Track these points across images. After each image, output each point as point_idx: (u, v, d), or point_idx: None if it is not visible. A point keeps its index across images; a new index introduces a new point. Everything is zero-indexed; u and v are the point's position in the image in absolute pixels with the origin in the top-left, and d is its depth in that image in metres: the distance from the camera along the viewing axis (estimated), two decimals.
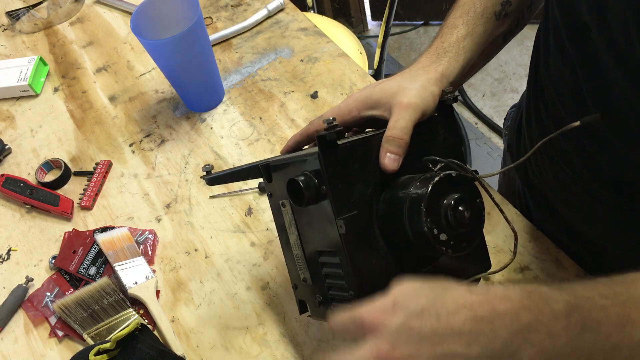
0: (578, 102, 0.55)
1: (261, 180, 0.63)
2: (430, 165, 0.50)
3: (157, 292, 0.71)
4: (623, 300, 0.40)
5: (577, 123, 0.44)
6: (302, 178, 0.49)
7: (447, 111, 0.55)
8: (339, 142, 0.49)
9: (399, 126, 0.51)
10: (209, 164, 0.60)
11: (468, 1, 0.61)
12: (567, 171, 0.63)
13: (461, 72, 0.58)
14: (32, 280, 0.74)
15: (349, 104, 0.57)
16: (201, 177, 0.59)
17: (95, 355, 0.61)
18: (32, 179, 0.84)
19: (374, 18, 2.37)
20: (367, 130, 0.59)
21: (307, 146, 0.62)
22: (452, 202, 0.46)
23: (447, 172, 0.47)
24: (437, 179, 0.46)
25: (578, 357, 0.40)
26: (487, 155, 1.93)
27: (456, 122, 0.57)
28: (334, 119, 0.48)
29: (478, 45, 0.59)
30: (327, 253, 0.52)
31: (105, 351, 0.61)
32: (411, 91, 0.53)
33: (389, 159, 0.50)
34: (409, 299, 0.41)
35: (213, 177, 0.59)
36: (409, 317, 0.41)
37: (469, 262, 0.56)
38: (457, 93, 0.56)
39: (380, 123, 0.55)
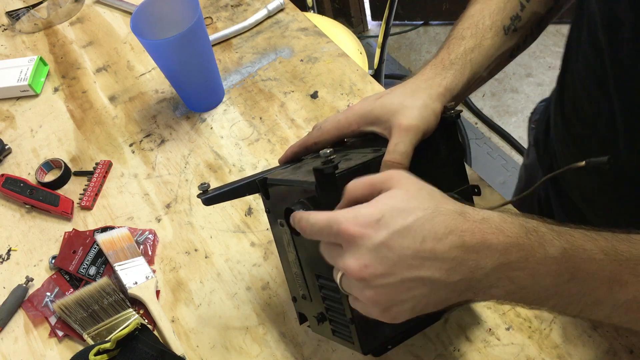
0: (604, 96, 0.54)
1: None
2: None
3: (157, 292, 0.71)
4: (621, 259, 0.39)
5: (583, 163, 0.43)
6: (299, 208, 0.48)
7: (449, 127, 0.54)
8: (337, 171, 0.47)
9: (399, 150, 0.50)
10: (205, 183, 0.56)
11: (477, 13, 0.60)
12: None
13: (466, 85, 0.57)
14: (32, 280, 0.74)
15: (349, 117, 0.55)
16: (197, 197, 0.56)
17: (95, 355, 0.61)
18: (32, 179, 0.84)
19: (374, 18, 2.37)
20: (365, 141, 0.58)
21: (306, 156, 0.61)
22: None
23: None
24: None
25: (556, 302, 0.40)
26: (487, 155, 1.93)
27: (458, 137, 0.55)
28: (331, 152, 0.46)
29: (485, 58, 0.58)
30: (325, 277, 0.51)
31: (105, 351, 0.61)
32: (412, 111, 0.51)
33: None
34: (396, 215, 0.39)
35: (210, 197, 0.56)
36: (391, 234, 0.39)
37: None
38: (460, 109, 0.54)
39: (381, 138, 0.54)
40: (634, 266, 0.39)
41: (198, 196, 0.56)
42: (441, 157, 0.54)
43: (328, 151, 0.46)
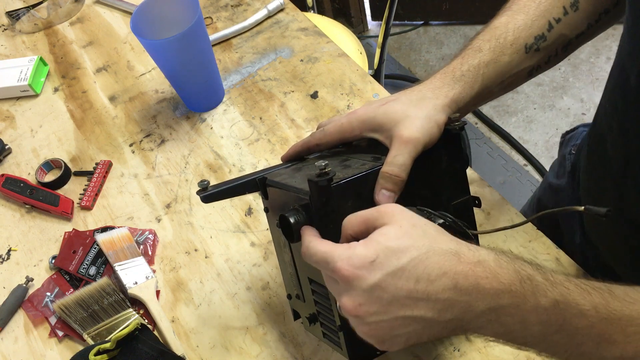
0: (621, 138, 0.52)
1: None
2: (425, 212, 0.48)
3: (157, 292, 0.71)
4: (612, 317, 0.38)
5: (582, 208, 0.43)
6: (294, 216, 0.48)
7: (452, 139, 0.53)
8: (333, 182, 0.47)
9: (397, 163, 0.49)
10: (205, 180, 0.56)
11: (501, 26, 0.57)
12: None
13: (475, 99, 0.55)
14: (32, 280, 0.74)
15: (352, 121, 0.55)
16: (196, 193, 0.56)
17: (95, 355, 0.61)
18: (32, 179, 0.84)
19: (374, 18, 2.37)
20: (369, 145, 0.57)
21: (308, 156, 0.61)
22: None
23: (441, 221, 0.46)
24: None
25: (543, 348, 0.40)
26: (487, 155, 1.93)
27: (461, 149, 0.54)
28: (326, 164, 0.46)
29: (499, 74, 0.56)
30: (317, 283, 0.51)
31: (105, 351, 0.61)
32: (414, 122, 0.50)
33: (384, 196, 0.49)
34: (390, 256, 0.40)
35: (209, 195, 0.56)
36: (385, 276, 0.39)
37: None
38: (464, 120, 0.52)
39: (382, 145, 0.53)
40: (624, 326, 0.38)
41: (197, 193, 0.56)
42: (443, 167, 0.53)
43: (323, 163, 0.46)
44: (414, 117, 0.51)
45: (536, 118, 1.99)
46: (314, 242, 0.45)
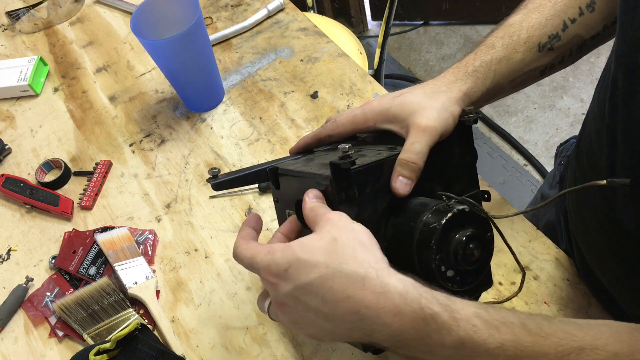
0: (609, 144, 0.52)
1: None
2: (444, 199, 0.48)
3: (157, 292, 0.71)
4: (522, 356, 0.38)
5: (604, 182, 0.43)
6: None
7: (465, 131, 0.53)
8: (352, 167, 0.47)
9: (414, 150, 0.49)
10: (215, 168, 0.57)
11: (516, 23, 0.57)
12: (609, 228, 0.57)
13: (486, 94, 0.55)
14: (32, 280, 0.74)
15: (365, 112, 0.55)
16: (207, 181, 0.56)
17: (95, 355, 0.61)
18: (32, 179, 0.84)
19: (374, 18, 2.37)
20: (378, 137, 0.57)
21: (317, 149, 0.61)
22: (464, 239, 0.44)
23: (461, 207, 0.45)
24: (450, 214, 0.44)
25: None
26: (487, 155, 1.93)
27: (473, 142, 0.54)
28: (349, 147, 0.46)
29: (511, 72, 0.56)
30: None
31: (105, 351, 0.61)
32: (431, 112, 0.50)
33: (401, 183, 0.49)
34: (300, 270, 0.42)
35: (220, 182, 0.56)
36: (295, 288, 0.42)
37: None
38: (479, 112, 0.53)
39: (395, 137, 0.53)
40: None
41: (208, 180, 0.56)
42: (455, 160, 0.53)
43: (347, 146, 0.46)
44: (430, 107, 0.51)
45: (536, 118, 1.99)
46: (240, 248, 0.48)
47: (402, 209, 0.49)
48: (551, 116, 1.99)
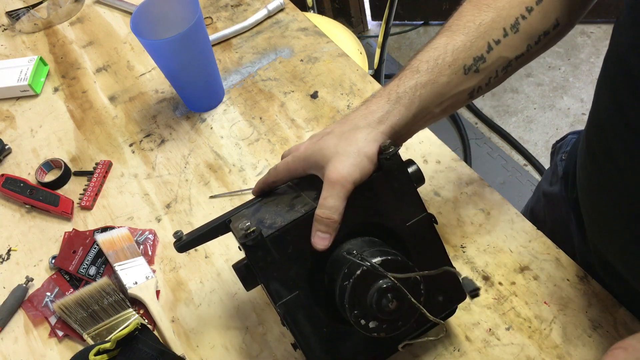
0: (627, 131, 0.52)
1: None
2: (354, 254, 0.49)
3: (157, 292, 0.71)
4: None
5: None
6: (242, 270, 0.53)
7: (395, 165, 0.53)
8: (269, 233, 0.50)
9: (328, 205, 0.50)
10: (178, 231, 0.58)
11: (440, 46, 0.56)
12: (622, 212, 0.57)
13: (412, 121, 0.55)
14: (32, 280, 0.74)
15: (295, 161, 0.56)
16: (173, 245, 0.58)
17: (95, 355, 0.61)
18: (32, 179, 0.84)
19: (374, 18, 2.37)
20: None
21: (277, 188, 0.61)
22: (375, 294, 0.46)
23: (375, 260, 0.47)
24: (358, 273, 0.46)
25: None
26: (487, 155, 1.93)
27: (405, 172, 0.54)
28: (248, 225, 0.49)
29: (437, 95, 0.55)
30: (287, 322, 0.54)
31: (105, 351, 0.61)
32: (343, 161, 0.50)
33: (319, 238, 0.50)
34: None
35: (184, 244, 0.57)
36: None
37: (442, 294, 0.56)
38: (396, 147, 0.52)
39: None
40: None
41: (174, 244, 0.58)
42: (389, 193, 0.53)
43: (246, 224, 0.50)
44: (342, 153, 0.51)
45: (536, 118, 1.99)
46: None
47: (331, 258, 0.52)
48: (551, 116, 1.99)
